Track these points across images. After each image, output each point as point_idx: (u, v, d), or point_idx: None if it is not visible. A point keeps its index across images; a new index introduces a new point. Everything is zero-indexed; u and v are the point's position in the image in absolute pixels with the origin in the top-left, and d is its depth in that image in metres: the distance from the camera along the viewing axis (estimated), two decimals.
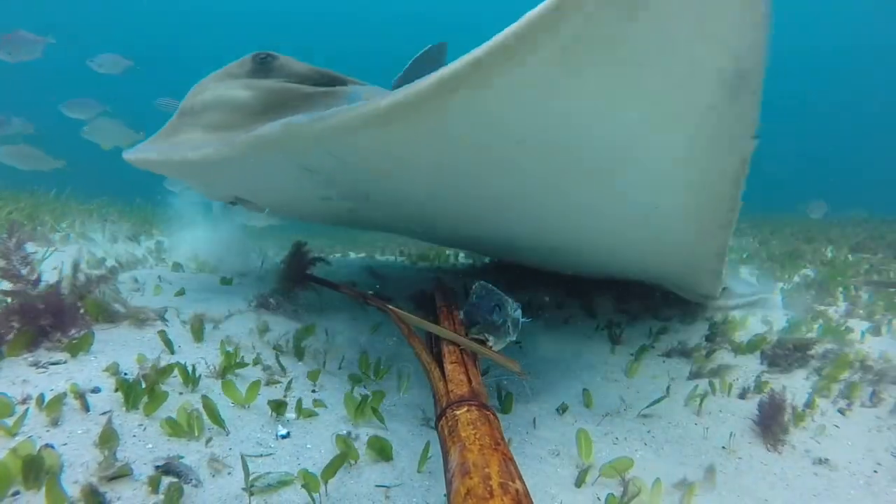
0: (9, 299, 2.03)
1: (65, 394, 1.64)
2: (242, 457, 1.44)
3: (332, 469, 1.46)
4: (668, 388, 2.42)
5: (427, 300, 2.88)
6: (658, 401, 2.22)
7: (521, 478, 1.10)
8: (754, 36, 1.17)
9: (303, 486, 1.40)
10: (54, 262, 3.19)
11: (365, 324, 3.01)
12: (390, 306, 2.30)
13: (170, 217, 5.67)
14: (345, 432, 1.78)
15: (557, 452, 1.85)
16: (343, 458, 1.52)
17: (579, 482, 1.66)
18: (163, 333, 2.21)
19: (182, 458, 1.50)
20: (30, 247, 3.52)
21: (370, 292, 3.06)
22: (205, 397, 1.70)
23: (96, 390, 1.78)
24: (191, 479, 1.42)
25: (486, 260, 5.33)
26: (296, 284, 3.24)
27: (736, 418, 2.20)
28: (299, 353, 2.38)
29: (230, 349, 2.23)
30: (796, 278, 4.92)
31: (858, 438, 2.08)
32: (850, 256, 6.16)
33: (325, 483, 1.45)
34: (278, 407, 1.82)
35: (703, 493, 1.68)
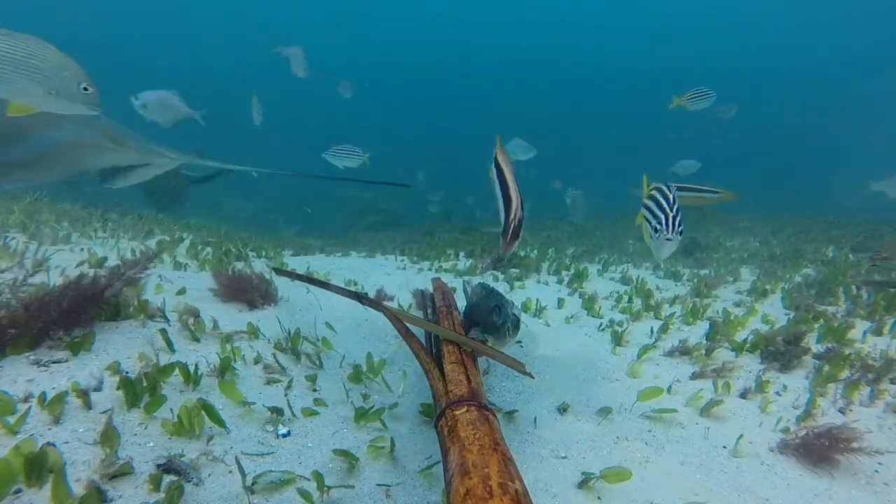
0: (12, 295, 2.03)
1: (66, 392, 1.64)
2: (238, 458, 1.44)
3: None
4: (669, 387, 2.42)
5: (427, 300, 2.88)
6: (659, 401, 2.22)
7: (520, 478, 1.10)
8: None
9: (299, 490, 1.40)
10: (56, 262, 3.20)
11: (364, 323, 3.01)
12: (385, 304, 2.30)
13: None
14: (344, 432, 1.79)
15: (558, 452, 1.85)
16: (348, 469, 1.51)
17: (581, 483, 1.66)
18: (163, 332, 2.22)
19: (183, 456, 1.50)
20: (32, 247, 3.53)
21: (364, 293, 3.07)
22: (204, 402, 1.69)
23: (98, 388, 1.78)
24: (192, 478, 1.42)
25: (488, 260, 5.33)
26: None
27: (737, 418, 2.20)
28: (298, 353, 2.38)
29: (230, 348, 2.24)
30: (797, 277, 4.92)
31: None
32: (850, 256, 6.15)
33: (328, 491, 1.45)
34: (278, 407, 1.82)
35: (706, 492, 1.68)
